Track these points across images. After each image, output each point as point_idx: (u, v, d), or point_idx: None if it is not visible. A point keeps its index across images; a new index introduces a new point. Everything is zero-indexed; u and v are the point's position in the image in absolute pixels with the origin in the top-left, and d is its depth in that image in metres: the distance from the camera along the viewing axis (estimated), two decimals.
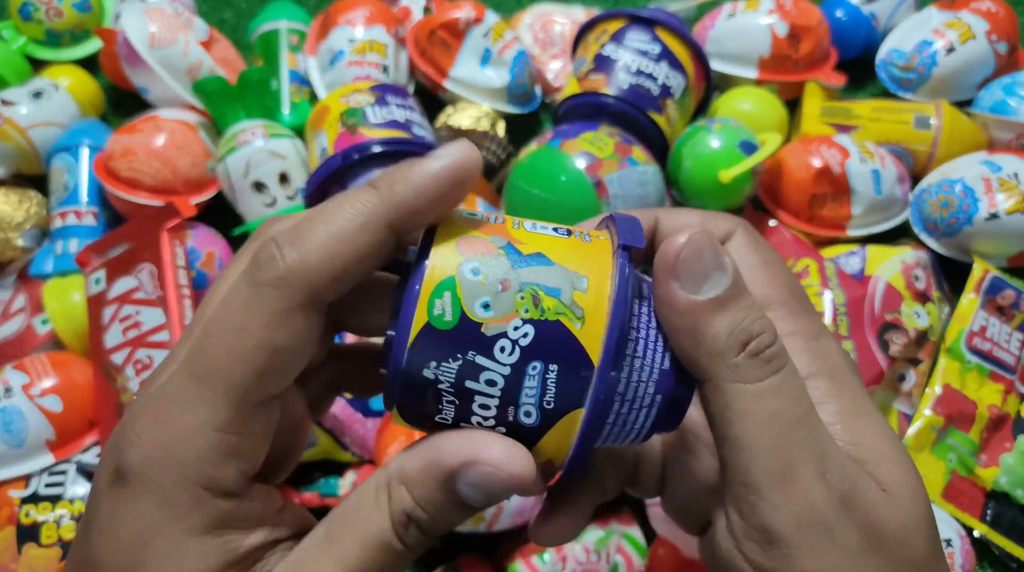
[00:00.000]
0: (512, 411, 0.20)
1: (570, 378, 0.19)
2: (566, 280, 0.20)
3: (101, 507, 0.21)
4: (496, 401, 0.20)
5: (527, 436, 0.20)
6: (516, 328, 0.19)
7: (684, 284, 0.20)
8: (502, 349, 0.19)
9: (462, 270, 0.19)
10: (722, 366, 0.20)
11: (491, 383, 0.19)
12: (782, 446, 0.19)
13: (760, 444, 0.20)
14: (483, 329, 0.19)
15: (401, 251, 0.22)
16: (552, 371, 0.19)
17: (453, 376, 0.19)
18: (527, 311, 0.19)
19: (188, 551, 0.20)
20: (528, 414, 0.20)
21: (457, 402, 0.20)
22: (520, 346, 0.19)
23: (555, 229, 0.21)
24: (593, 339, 0.19)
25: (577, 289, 0.20)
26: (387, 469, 0.21)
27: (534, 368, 0.19)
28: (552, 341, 0.19)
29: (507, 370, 0.19)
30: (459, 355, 0.19)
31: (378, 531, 0.20)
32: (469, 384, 0.19)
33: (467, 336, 0.19)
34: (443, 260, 0.20)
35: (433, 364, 0.19)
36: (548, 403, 0.20)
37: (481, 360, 0.19)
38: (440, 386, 0.20)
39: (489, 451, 0.20)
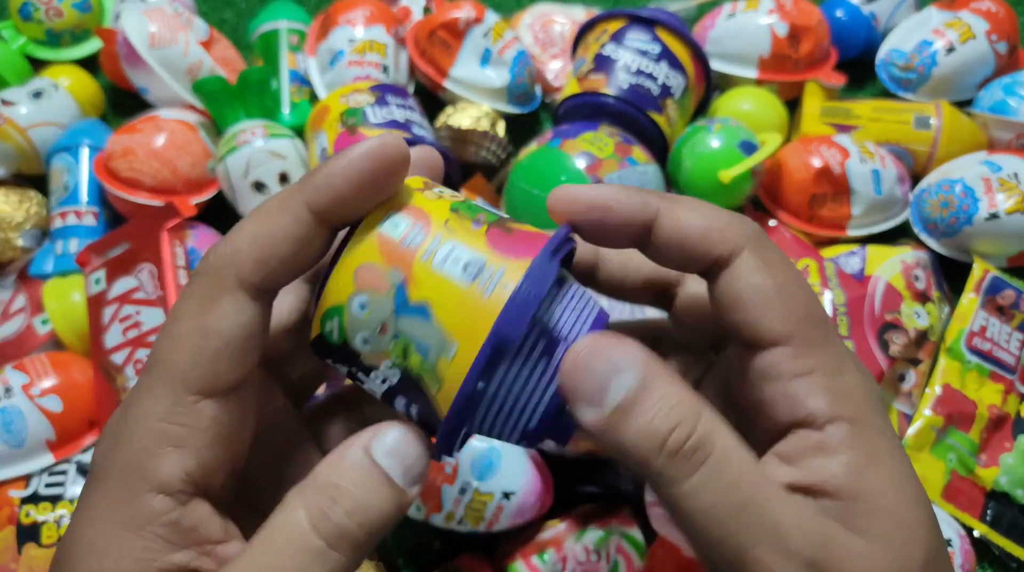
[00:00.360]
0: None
1: (427, 421, 0.22)
2: (437, 342, 0.20)
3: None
4: (385, 399, 0.22)
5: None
6: (388, 367, 0.21)
7: (587, 404, 0.20)
8: (375, 378, 0.21)
9: (351, 302, 0.21)
10: (649, 472, 0.20)
11: (372, 392, 0.22)
12: (729, 536, 0.19)
13: (708, 536, 0.19)
14: (362, 358, 0.21)
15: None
16: (414, 409, 0.21)
17: (346, 371, 0.22)
18: (397, 358, 0.21)
19: (108, 546, 0.19)
20: (410, 417, 0.22)
21: (363, 384, 0.22)
22: (390, 383, 0.21)
23: (465, 266, 0.20)
24: (445, 405, 0.21)
25: (443, 356, 0.20)
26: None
27: (401, 401, 0.21)
28: (413, 391, 0.21)
29: (382, 392, 0.22)
30: (346, 366, 0.22)
31: (286, 529, 0.19)
32: (361, 379, 0.22)
33: (350, 358, 0.21)
34: (338, 287, 0.21)
35: (329, 359, 0.22)
36: (420, 421, 0.22)
37: (362, 376, 0.22)
38: (340, 369, 0.22)
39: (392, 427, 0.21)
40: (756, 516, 0.19)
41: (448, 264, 0.20)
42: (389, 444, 0.21)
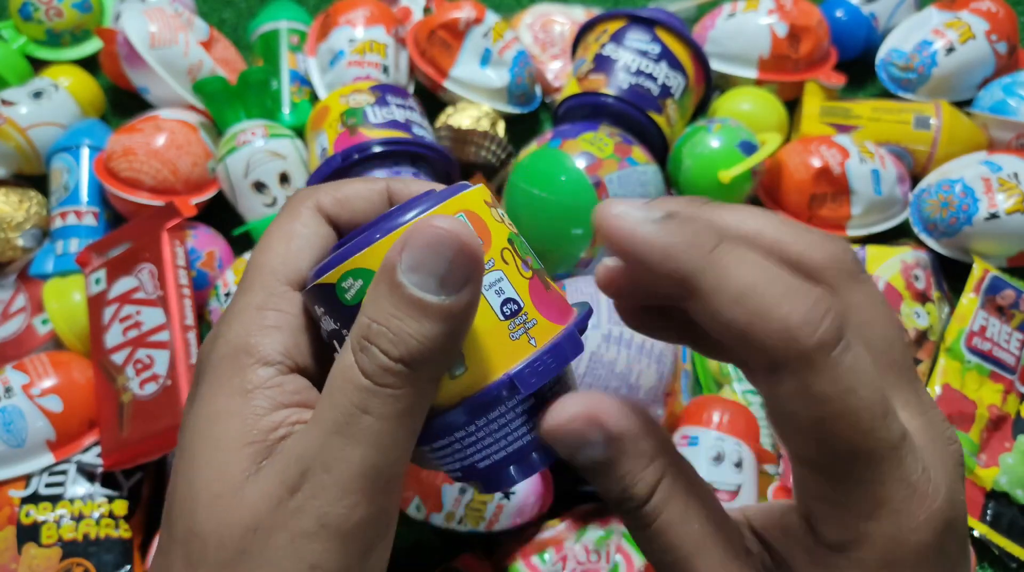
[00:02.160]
0: None
1: None
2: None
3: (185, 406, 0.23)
4: None
5: None
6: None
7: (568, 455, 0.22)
8: None
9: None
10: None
11: None
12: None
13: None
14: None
15: None
16: None
17: (330, 330, 0.23)
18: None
19: (221, 412, 0.21)
20: None
21: None
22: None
23: (504, 302, 0.22)
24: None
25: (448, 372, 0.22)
26: None
27: None
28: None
29: None
30: (337, 326, 0.22)
31: (340, 369, 0.20)
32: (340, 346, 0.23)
33: (349, 323, 0.22)
34: (376, 253, 0.21)
35: (323, 311, 0.23)
36: None
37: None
38: (327, 324, 0.23)
39: (425, 221, 0.19)
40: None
41: (490, 291, 0.21)
42: (413, 259, 0.19)
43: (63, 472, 0.51)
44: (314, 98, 0.68)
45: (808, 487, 0.20)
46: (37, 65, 0.72)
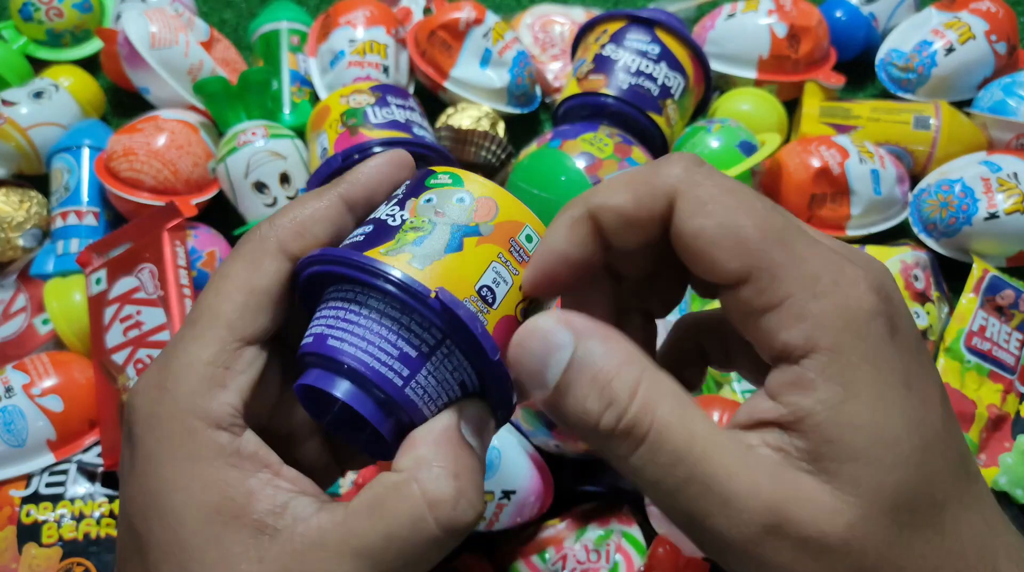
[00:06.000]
0: None
1: (352, 248, 0.25)
2: (430, 253, 0.24)
3: (123, 464, 0.23)
4: (367, 221, 0.26)
5: None
6: (403, 218, 0.24)
7: (534, 386, 0.21)
8: (395, 212, 0.25)
9: (459, 192, 0.25)
10: (597, 443, 0.20)
11: (378, 211, 0.26)
12: (680, 508, 0.19)
13: (663, 508, 0.20)
14: (419, 200, 0.25)
15: None
16: (359, 238, 0.24)
17: (402, 192, 0.26)
18: (412, 223, 0.24)
19: (192, 480, 0.21)
20: (354, 236, 0.26)
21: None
22: (388, 221, 0.25)
23: (497, 285, 0.24)
24: (372, 256, 0.24)
25: (412, 261, 0.23)
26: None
27: (367, 229, 0.25)
28: (380, 236, 0.24)
29: (380, 215, 0.26)
30: (409, 188, 0.26)
31: (411, 517, 0.21)
32: (395, 201, 0.26)
33: (416, 191, 0.26)
34: (479, 182, 0.26)
35: (409, 182, 0.26)
36: (348, 246, 0.25)
37: (398, 199, 0.26)
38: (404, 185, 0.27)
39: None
40: (702, 491, 0.19)
41: (490, 270, 0.24)
42: (474, 420, 0.23)
43: (63, 472, 0.51)
44: (314, 98, 0.68)
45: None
46: (37, 65, 0.72)
